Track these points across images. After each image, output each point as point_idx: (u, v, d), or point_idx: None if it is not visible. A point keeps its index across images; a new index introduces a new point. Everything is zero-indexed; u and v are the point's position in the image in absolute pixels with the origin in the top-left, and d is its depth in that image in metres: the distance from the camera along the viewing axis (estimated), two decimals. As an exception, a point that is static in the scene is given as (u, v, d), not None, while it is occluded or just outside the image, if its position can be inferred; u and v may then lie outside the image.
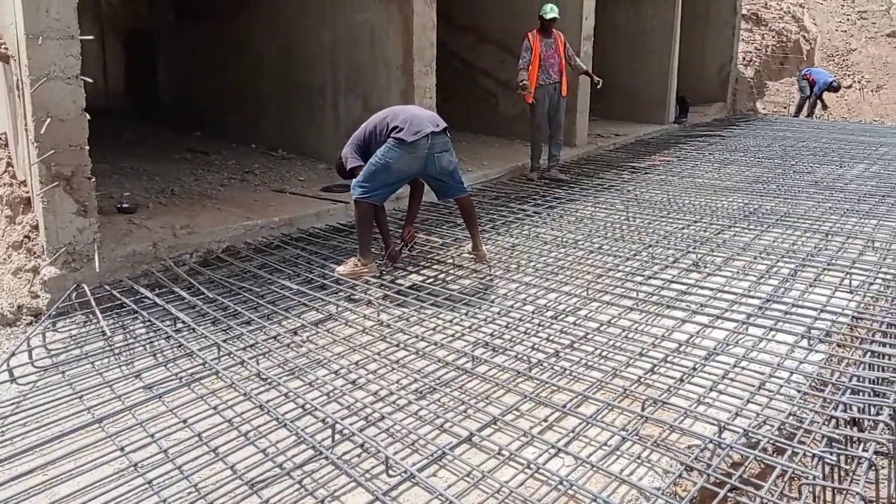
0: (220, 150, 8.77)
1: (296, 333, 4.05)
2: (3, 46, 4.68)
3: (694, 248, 5.56)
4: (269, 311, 4.34)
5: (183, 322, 4.12)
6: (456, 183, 5.09)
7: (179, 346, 3.86)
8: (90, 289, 4.38)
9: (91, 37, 4.53)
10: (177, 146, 9.03)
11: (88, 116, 4.32)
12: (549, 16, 7.84)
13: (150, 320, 4.16)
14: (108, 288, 4.56)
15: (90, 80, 4.27)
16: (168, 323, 4.13)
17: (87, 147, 4.36)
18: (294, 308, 4.41)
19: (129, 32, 12.37)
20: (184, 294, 4.53)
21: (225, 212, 6.03)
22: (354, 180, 4.88)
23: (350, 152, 5.02)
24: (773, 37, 18.47)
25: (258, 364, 3.63)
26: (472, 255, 5.31)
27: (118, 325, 4.15)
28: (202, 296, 4.53)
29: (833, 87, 15.36)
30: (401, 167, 4.78)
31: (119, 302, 4.40)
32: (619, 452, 2.88)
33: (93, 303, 4.26)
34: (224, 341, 3.86)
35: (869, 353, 3.68)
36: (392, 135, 4.72)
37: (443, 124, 4.88)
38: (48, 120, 4.13)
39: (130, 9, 12.25)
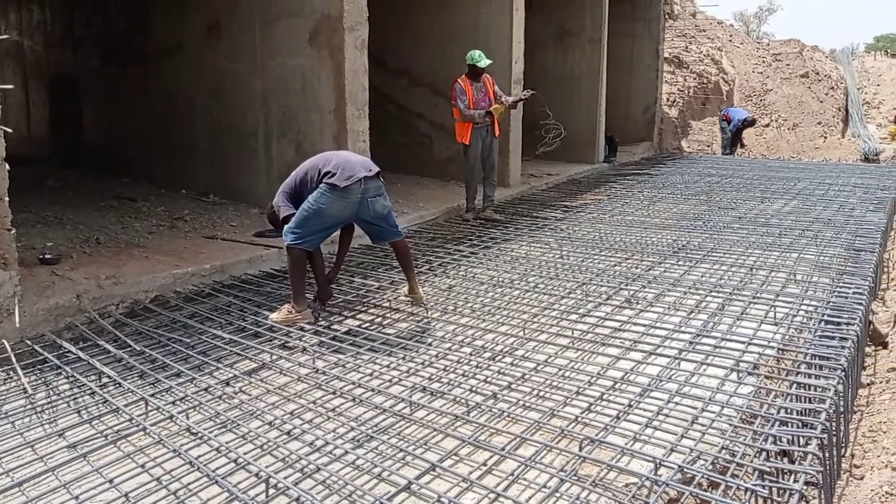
0: (148, 197, 8.58)
1: (228, 384, 3.94)
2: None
3: (626, 285, 5.67)
4: (199, 361, 4.22)
5: (108, 377, 3.97)
6: (391, 227, 5.08)
7: (105, 402, 3.71)
8: (10, 345, 4.20)
9: (11, 86, 4.40)
10: (103, 193, 8.81)
11: (8, 167, 4.17)
12: (481, 63, 7.95)
13: (73, 376, 4.00)
14: (29, 343, 4.37)
15: (9, 130, 4.13)
16: (93, 378, 3.97)
17: (7, 198, 4.20)
18: (226, 358, 4.30)
19: (54, 78, 12.08)
20: (109, 347, 4.37)
21: (153, 260, 5.88)
22: (286, 226, 4.81)
23: (282, 200, 4.95)
24: (695, 78, 19.26)
25: (188, 418, 3.51)
26: (408, 298, 5.30)
27: (40, 381, 3.97)
28: (129, 348, 4.37)
29: (748, 122, 16.05)
30: (333, 212, 4.75)
31: (41, 357, 4.22)
32: (558, 494, 2.87)
33: (13, 359, 4.07)
34: (152, 395, 3.73)
35: (795, 385, 3.79)
36: (324, 180, 4.69)
37: (375, 169, 4.88)
38: (-36, 170, 3.97)
39: (55, 55, 11.97)
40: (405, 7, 10.87)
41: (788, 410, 3.45)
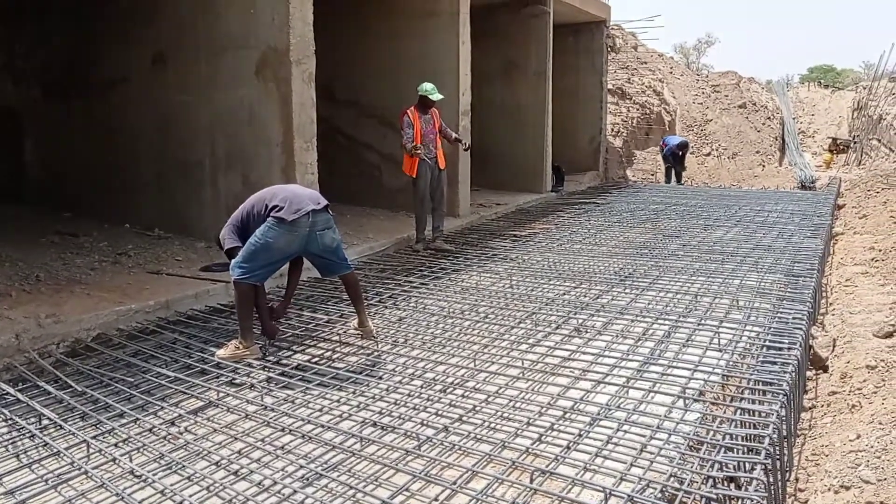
0: (91, 232, 8.38)
1: (173, 424, 3.84)
2: None
3: (575, 314, 5.73)
4: (143, 401, 4.11)
5: (49, 419, 3.83)
6: (340, 260, 5.04)
7: (45, 446, 3.57)
8: (-59, 388, 4.03)
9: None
10: (44, 229, 8.57)
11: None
12: (433, 97, 8.02)
13: (12, 418, 3.85)
14: (-38, 386, 4.20)
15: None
16: (32, 420, 3.82)
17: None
18: (171, 397, 4.20)
19: (-8, 110, 11.76)
20: (50, 388, 4.23)
21: (95, 297, 5.73)
22: (234, 261, 4.75)
23: (227, 233, 4.90)
24: (638, 109, 19.78)
25: (132, 460, 3.41)
26: (358, 332, 5.26)
27: (-26, 426, 3.82)
28: (70, 389, 4.24)
29: (681, 146, 16.41)
30: (281, 246, 4.70)
31: (-25, 401, 4.06)
32: (510, 527, 2.86)
33: (-56, 404, 3.90)
34: (94, 437, 3.62)
35: (740, 411, 3.86)
36: (272, 214, 4.66)
37: (324, 202, 4.86)
38: None
39: (-7, 86, 11.68)
40: (354, 39, 10.96)
41: (734, 436, 3.52)
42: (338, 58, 10.50)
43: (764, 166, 19.93)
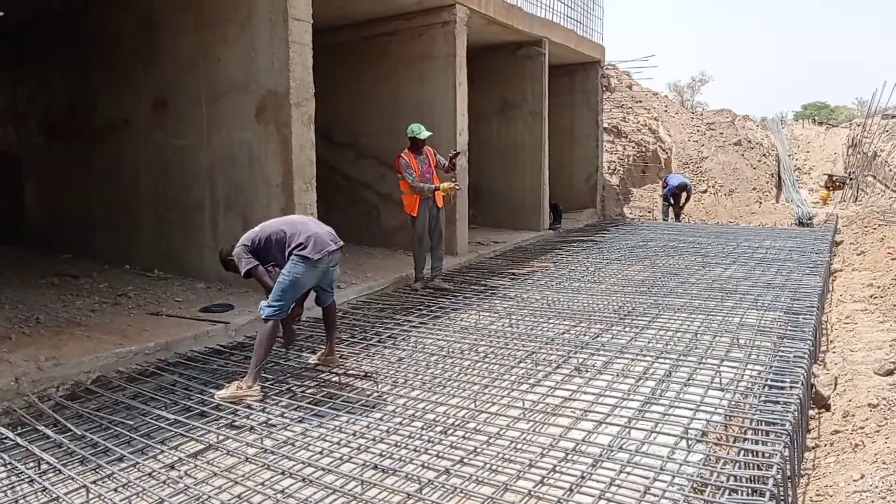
0: (91, 273, 8.40)
1: (173, 468, 3.82)
2: None
3: (575, 353, 5.73)
4: (143, 444, 4.09)
5: (48, 463, 3.81)
6: (332, 290, 5.39)
7: (44, 491, 3.54)
8: (-60, 433, 4.00)
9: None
10: (44, 270, 8.59)
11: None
12: (423, 135, 8.13)
13: (11, 463, 3.82)
14: (-40, 431, 4.18)
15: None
16: (31, 465, 3.80)
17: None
18: (171, 440, 4.17)
19: (-6, 154, 11.88)
20: (49, 432, 4.20)
21: (95, 339, 5.73)
22: (263, 302, 4.94)
23: (243, 253, 5.00)
24: (634, 147, 19.96)
25: (131, 506, 3.38)
26: (322, 361, 5.48)
27: (-28, 471, 3.79)
28: (69, 433, 4.21)
29: (681, 187, 16.48)
30: (306, 282, 5.00)
31: (-27, 446, 4.03)
32: (513, 572, 2.83)
33: (-58, 449, 3.88)
34: (93, 482, 3.59)
35: (743, 451, 3.84)
36: (296, 252, 4.89)
37: (340, 242, 5.16)
38: None
39: (-5, 130, 11.81)
40: (352, 82, 11.11)
41: (738, 478, 3.50)
42: (336, 100, 10.63)
43: (761, 203, 20.06)
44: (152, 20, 8.29)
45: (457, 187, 8.40)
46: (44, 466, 3.79)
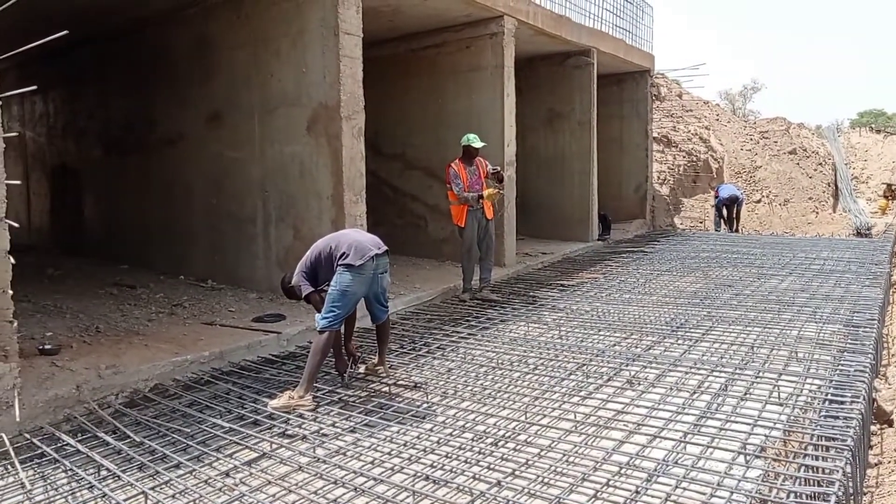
0: (147, 283, 8.61)
1: (228, 475, 3.87)
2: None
3: (627, 365, 5.65)
4: (199, 452, 4.16)
5: (108, 469, 3.90)
6: (385, 305, 5.39)
7: (104, 497, 3.63)
8: (8, 438, 4.14)
9: (18, 182, 4.49)
10: (103, 281, 8.84)
11: (13, 260, 4.20)
12: (476, 144, 8.15)
13: (72, 469, 3.93)
14: (27, 436, 4.32)
15: (15, 225, 4.20)
16: (91, 471, 3.90)
17: (10, 291, 4.22)
18: (226, 447, 4.24)
19: (56, 169, 12.30)
20: (108, 439, 4.31)
21: (153, 348, 5.86)
22: (318, 315, 5.02)
23: (300, 279, 5.18)
24: (684, 157, 19.67)
25: (188, 512, 3.44)
26: (370, 371, 5.53)
27: (38, 475, 3.90)
28: (128, 439, 4.32)
29: (732, 199, 16.17)
30: (355, 290, 5.01)
31: (39, 451, 4.15)
32: (568, 587, 2.79)
33: (11, 453, 4.01)
34: (152, 489, 3.66)
35: (803, 468, 3.74)
36: (340, 262, 4.96)
37: (384, 247, 5.17)
38: (-33, 263, 4.01)
39: (57, 146, 12.24)
40: (399, 95, 11.21)
41: (798, 494, 3.40)
42: (383, 112, 10.72)
43: (817, 213, 19.53)
44: (207, 37, 8.50)
45: (500, 192, 8.35)
46: (103, 473, 3.89)
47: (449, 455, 4.08)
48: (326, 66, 7.18)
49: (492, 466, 3.90)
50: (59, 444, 4.24)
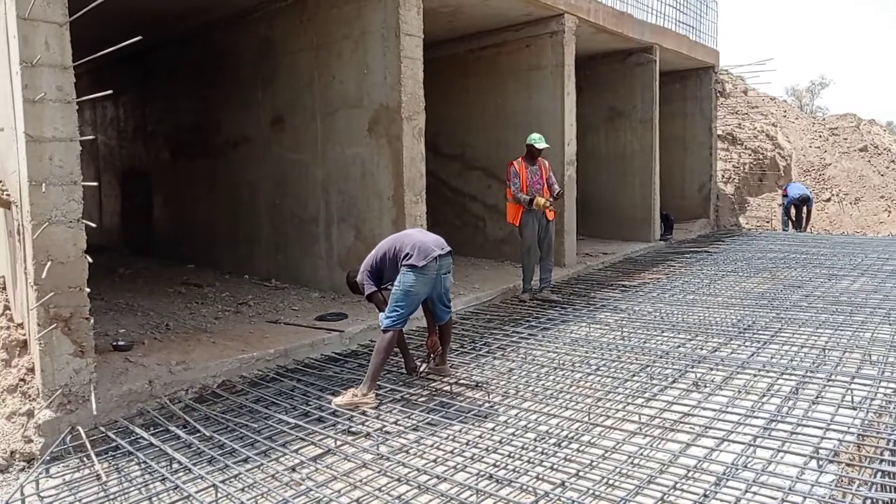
0: (213, 282, 8.83)
1: (294, 470, 3.94)
2: (4, 193, 4.78)
3: (692, 367, 5.54)
4: (266, 447, 4.25)
5: (179, 462, 4.02)
6: (448, 305, 5.42)
7: (176, 489, 3.74)
8: (85, 431, 4.29)
9: (95, 183, 4.66)
10: (171, 280, 9.10)
11: (90, 259, 4.37)
12: (539, 145, 8.13)
13: (145, 462, 4.06)
14: (102, 429, 4.47)
15: (92, 225, 4.36)
16: (164, 464, 4.02)
17: (87, 289, 4.38)
18: (292, 443, 4.32)
19: (126, 171, 12.73)
20: (179, 433, 4.43)
21: (220, 345, 6.01)
22: (381, 315, 5.12)
23: (365, 279, 5.29)
24: (750, 155, 19.17)
25: (256, 506, 3.52)
26: (435, 370, 5.57)
27: (113, 467, 4.04)
28: (198, 433, 4.44)
29: (803, 199, 15.67)
30: (418, 290, 5.06)
31: (114, 444, 4.30)
32: (635, 590, 2.76)
33: (88, 446, 4.16)
34: (222, 482, 3.76)
35: (879, 473, 3.61)
36: (403, 262, 5.03)
37: (447, 247, 5.21)
38: (48, 263, 4.17)
39: (127, 149, 12.66)
40: (458, 95, 11.23)
41: (874, 500, 3.29)
42: (443, 113, 10.76)
43: (890, 212, 18.80)
44: (271, 41, 8.67)
45: (548, 206, 8.25)
46: (175, 466, 4.00)
47: (511, 455, 4.07)
48: (387, 67, 7.25)
49: (555, 467, 3.88)
50: (132, 438, 4.38)
